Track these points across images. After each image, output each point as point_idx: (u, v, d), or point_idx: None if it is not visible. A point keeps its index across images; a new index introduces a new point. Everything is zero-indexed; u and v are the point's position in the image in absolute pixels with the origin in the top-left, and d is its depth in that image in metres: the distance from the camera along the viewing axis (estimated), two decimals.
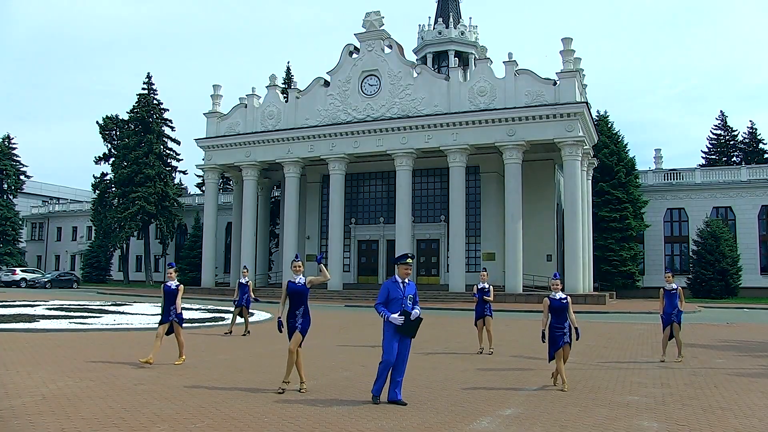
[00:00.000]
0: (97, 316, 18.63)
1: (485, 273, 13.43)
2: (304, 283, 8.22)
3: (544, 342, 8.84)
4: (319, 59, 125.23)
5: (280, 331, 8.11)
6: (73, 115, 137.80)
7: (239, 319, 16.20)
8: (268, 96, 42.39)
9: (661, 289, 12.01)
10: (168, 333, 10.37)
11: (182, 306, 10.70)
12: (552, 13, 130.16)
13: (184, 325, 10.88)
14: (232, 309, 17.26)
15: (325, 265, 8.13)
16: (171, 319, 10.33)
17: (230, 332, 15.53)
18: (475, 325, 12.98)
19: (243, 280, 16.14)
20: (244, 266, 18.20)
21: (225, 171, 45.51)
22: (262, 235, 47.22)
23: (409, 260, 7.65)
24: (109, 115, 58.22)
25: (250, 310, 16.65)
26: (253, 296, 16.26)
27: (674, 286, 11.92)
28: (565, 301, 8.81)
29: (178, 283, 10.54)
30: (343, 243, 40.12)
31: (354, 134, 38.49)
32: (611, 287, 41.13)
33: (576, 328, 8.75)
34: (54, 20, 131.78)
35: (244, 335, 15.23)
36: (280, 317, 8.16)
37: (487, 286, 12.92)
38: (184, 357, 10.44)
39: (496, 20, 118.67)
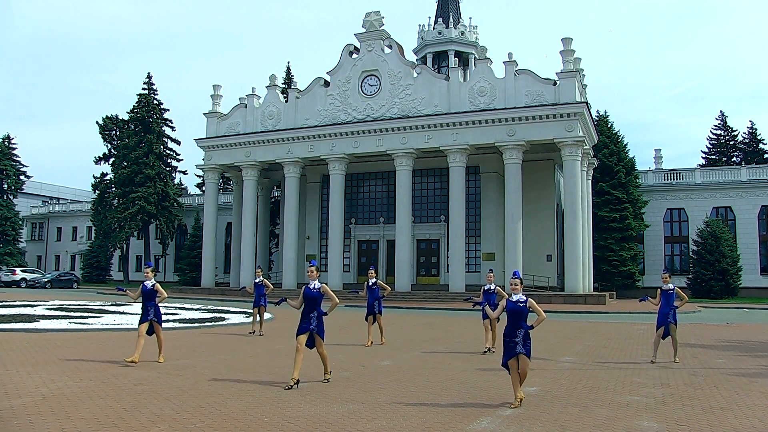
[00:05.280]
0: (97, 316, 18.61)
1: (492, 274, 13.30)
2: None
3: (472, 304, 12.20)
4: (319, 59, 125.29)
5: None
6: (73, 115, 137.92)
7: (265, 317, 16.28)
8: (268, 96, 42.38)
9: (659, 289, 11.98)
10: (149, 333, 10.44)
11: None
12: (552, 13, 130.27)
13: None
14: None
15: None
16: (150, 318, 10.40)
17: (253, 332, 15.72)
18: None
19: (257, 280, 16.08)
20: (258, 266, 18.11)
21: (225, 171, 45.48)
22: (262, 235, 47.21)
23: None
24: (109, 115, 58.20)
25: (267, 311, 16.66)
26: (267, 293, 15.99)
27: (671, 286, 11.84)
28: (523, 304, 7.48)
29: (154, 282, 10.58)
30: (343, 243, 40.08)
31: (354, 134, 38.47)
32: (611, 287, 41.14)
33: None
34: (54, 20, 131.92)
35: (252, 333, 15.50)
36: None
37: (493, 287, 12.91)
38: (163, 358, 10.55)
39: (496, 20, 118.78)
